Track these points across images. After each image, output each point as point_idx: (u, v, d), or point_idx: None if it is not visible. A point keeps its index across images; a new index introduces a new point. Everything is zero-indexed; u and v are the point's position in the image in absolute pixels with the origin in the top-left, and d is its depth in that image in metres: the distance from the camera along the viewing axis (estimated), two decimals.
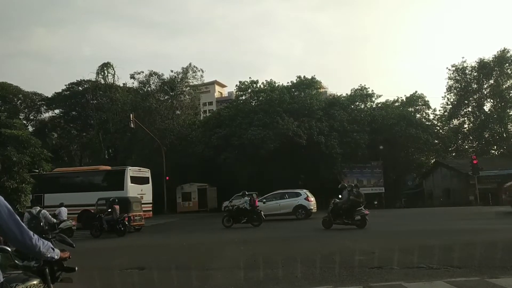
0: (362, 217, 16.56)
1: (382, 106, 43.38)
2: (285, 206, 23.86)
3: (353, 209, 16.66)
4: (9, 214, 2.67)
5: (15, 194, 25.76)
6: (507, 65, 41.72)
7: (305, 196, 24.01)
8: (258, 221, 19.91)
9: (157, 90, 43.98)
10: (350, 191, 17.18)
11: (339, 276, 7.74)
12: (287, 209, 23.72)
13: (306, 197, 24.00)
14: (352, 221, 16.59)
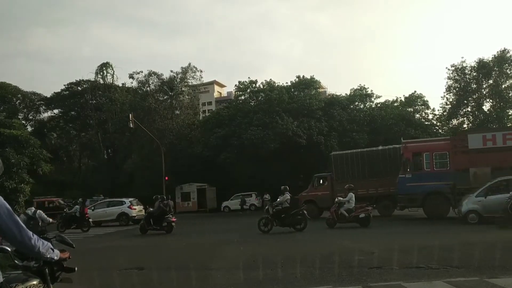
0: (168, 223, 18.97)
1: (382, 106, 43.38)
2: (110, 214, 26.20)
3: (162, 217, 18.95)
4: (9, 214, 2.67)
5: (13, 195, 25.78)
6: (507, 65, 41.72)
7: (128, 205, 26.44)
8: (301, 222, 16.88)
9: (156, 90, 43.96)
10: (161, 201, 19.48)
11: (338, 276, 7.74)
12: (112, 216, 26.06)
13: (129, 205, 26.44)
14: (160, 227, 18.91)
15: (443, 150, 19.66)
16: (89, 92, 49.63)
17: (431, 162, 19.59)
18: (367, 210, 17.07)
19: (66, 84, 53.14)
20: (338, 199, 17.79)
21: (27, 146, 28.75)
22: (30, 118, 55.20)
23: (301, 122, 36.77)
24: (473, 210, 16.17)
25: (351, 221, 16.90)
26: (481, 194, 16.20)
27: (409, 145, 20.74)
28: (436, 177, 18.26)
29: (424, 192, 18.24)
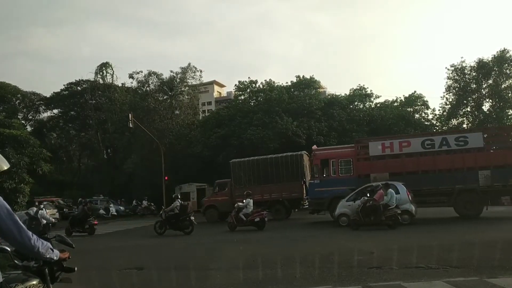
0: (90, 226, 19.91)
1: (381, 106, 43.37)
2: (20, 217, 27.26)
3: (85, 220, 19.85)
4: (8, 214, 2.67)
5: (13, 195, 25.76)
6: (506, 65, 41.74)
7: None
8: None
9: (156, 90, 43.94)
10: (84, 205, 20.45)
11: (338, 276, 7.75)
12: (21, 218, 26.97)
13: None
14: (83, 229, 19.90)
15: (347, 157, 20.74)
16: (89, 92, 49.60)
17: (337, 168, 20.65)
18: (262, 215, 18.07)
19: (66, 84, 53.17)
20: (237, 204, 18.84)
21: (27, 146, 28.74)
22: (30, 118, 55.20)
23: (300, 122, 36.76)
24: (344, 214, 17.59)
25: (248, 224, 18.02)
26: (351, 198, 17.50)
27: (317, 153, 21.92)
28: (341, 183, 19.30)
29: (330, 196, 19.08)
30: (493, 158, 18.78)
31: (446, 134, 20.37)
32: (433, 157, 19.20)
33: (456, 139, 19.10)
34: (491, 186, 18.12)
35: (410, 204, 16.78)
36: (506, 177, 17.97)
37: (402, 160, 19.58)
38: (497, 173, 18.02)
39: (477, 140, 18.92)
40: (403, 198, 16.73)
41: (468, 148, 18.81)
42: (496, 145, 19.46)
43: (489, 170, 18.13)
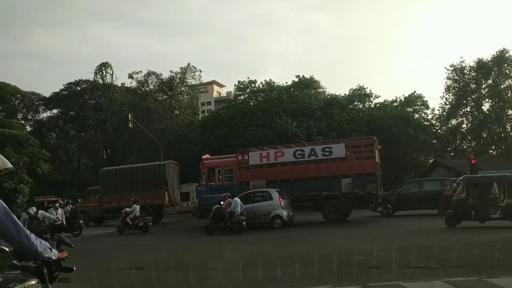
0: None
1: (381, 106, 43.37)
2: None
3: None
4: (6, 213, 2.67)
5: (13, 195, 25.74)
6: (506, 65, 41.77)
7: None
8: None
9: (155, 90, 43.94)
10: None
11: (337, 276, 7.74)
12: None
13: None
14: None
15: (230, 166, 22.51)
16: (88, 92, 49.58)
17: (221, 176, 22.58)
18: (146, 219, 19.77)
19: (65, 84, 53.15)
20: (125, 210, 20.32)
21: (27, 146, 28.74)
22: (29, 118, 55.20)
23: (300, 122, 36.78)
24: None
25: (134, 228, 19.53)
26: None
27: (205, 162, 23.76)
28: (225, 190, 20.11)
29: (215, 202, 19.72)
30: (353, 167, 20.46)
31: (314, 145, 22.21)
32: (303, 166, 20.89)
33: (322, 150, 20.92)
34: (352, 193, 19.91)
35: (282, 209, 18.32)
36: (364, 184, 19.87)
37: (277, 169, 21.44)
38: (357, 180, 19.87)
39: (340, 150, 20.63)
40: (275, 204, 18.41)
41: (333, 158, 20.67)
42: (356, 156, 21.02)
43: (350, 178, 20.00)
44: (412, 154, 43.75)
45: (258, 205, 18.88)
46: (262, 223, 18.30)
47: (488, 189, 15.85)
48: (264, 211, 18.44)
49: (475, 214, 14.90)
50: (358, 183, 19.89)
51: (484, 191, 15.60)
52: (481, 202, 15.12)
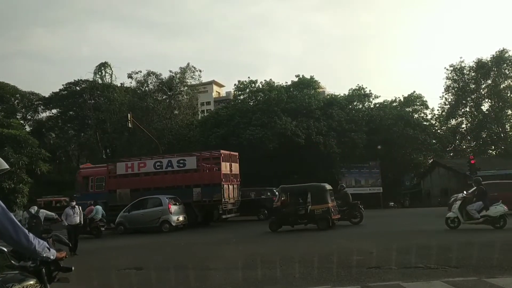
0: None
1: (380, 106, 43.39)
2: None
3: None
4: (4, 212, 2.66)
5: (12, 195, 25.72)
6: (505, 65, 41.81)
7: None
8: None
9: (155, 90, 43.91)
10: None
11: (337, 276, 7.74)
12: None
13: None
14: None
15: (101, 175, 24.58)
16: (88, 92, 49.52)
17: (94, 184, 24.76)
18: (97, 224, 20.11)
19: (65, 84, 53.07)
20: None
21: (26, 146, 28.70)
22: (29, 118, 55.10)
23: (300, 122, 36.75)
24: (121, 222, 20.89)
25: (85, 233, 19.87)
26: (127, 210, 20.95)
27: (81, 170, 26.17)
28: (96, 197, 22.07)
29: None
30: (203, 178, 22.71)
31: (171, 157, 24.10)
32: (162, 176, 23.18)
33: (177, 162, 23.11)
34: (201, 201, 22.01)
35: (171, 215, 19.97)
36: (211, 194, 21.89)
37: (141, 178, 23.55)
38: (205, 190, 22.01)
39: (192, 162, 22.87)
40: (164, 210, 20.11)
41: (186, 169, 22.89)
42: (206, 167, 23.33)
43: (200, 187, 22.19)
44: (411, 154, 43.79)
45: (149, 210, 20.35)
46: (152, 227, 19.67)
47: (298, 196, 18.05)
48: (154, 217, 19.94)
49: (289, 220, 17.16)
50: (206, 192, 21.91)
51: (295, 199, 17.93)
52: (292, 209, 17.29)
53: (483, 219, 14.37)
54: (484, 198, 14.63)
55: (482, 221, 14.39)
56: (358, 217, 18.64)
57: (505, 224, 14.36)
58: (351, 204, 18.97)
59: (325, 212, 16.73)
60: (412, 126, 39.82)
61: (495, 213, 14.33)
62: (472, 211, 14.48)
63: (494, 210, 14.36)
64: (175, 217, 20.20)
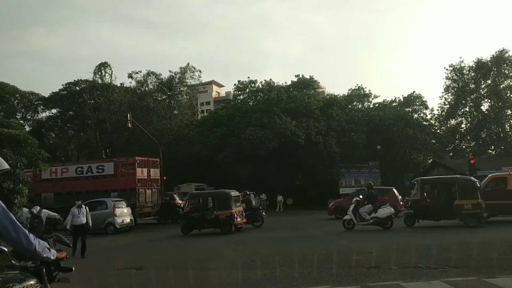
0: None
1: (380, 106, 43.42)
2: None
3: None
4: (4, 213, 2.66)
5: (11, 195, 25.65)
6: (505, 66, 41.79)
7: None
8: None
9: (154, 90, 43.90)
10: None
11: (336, 276, 7.74)
12: None
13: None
14: None
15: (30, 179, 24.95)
16: (87, 92, 49.41)
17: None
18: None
19: (64, 84, 53.02)
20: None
21: (25, 145, 28.63)
22: (28, 118, 55.01)
23: (299, 122, 36.77)
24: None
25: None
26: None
27: None
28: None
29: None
30: (120, 183, 24.15)
31: (91, 163, 25.62)
32: (83, 181, 24.72)
33: (97, 167, 24.74)
34: None
35: (115, 217, 20.64)
36: (128, 198, 22.80)
37: (64, 183, 24.92)
38: (122, 194, 23.25)
39: (110, 168, 24.45)
40: (109, 212, 20.75)
41: (105, 175, 24.43)
42: (122, 173, 24.77)
43: (117, 192, 23.52)
44: (411, 154, 43.82)
45: (95, 213, 20.24)
46: (98, 229, 19.73)
47: (206, 202, 19.20)
48: (100, 219, 20.22)
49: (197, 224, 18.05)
50: (123, 196, 22.92)
51: (204, 204, 19.16)
52: (200, 214, 18.13)
53: (372, 221, 15.98)
54: (374, 202, 16.21)
55: (372, 222, 15.98)
56: (259, 220, 19.77)
57: (392, 224, 15.95)
58: (253, 209, 20.19)
59: (229, 218, 17.56)
60: (411, 126, 39.84)
61: (382, 215, 15.93)
62: (363, 213, 16.06)
63: (382, 212, 15.97)
64: (119, 219, 20.91)
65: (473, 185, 15.99)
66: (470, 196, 15.69)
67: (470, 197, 15.66)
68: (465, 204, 15.47)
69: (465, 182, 16.55)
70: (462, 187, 16.11)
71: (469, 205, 15.45)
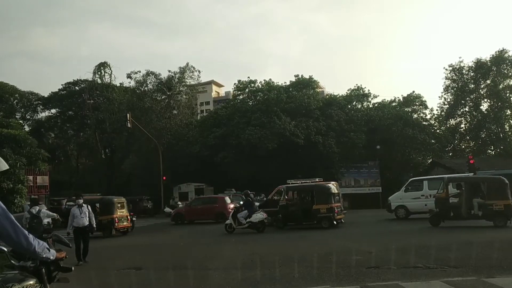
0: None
1: (379, 106, 43.44)
2: None
3: None
4: (4, 213, 2.66)
5: (10, 195, 25.64)
6: (505, 66, 41.81)
7: None
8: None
9: (154, 89, 43.89)
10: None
11: (336, 276, 7.74)
12: None
13: None
14: None
15: None
16: (87, 91, 49.40)
17: None
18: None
19: (64, 83, 53.00)
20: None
21: (25, 145, 28.63)
22: (28, 117, 54.95)
23: (299, 122, 36.78)
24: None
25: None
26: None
27: None
28: None
29: None
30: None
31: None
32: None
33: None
34: None
35: None
36: None
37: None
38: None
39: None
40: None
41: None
42: None
43: None
44: (410, 154, 43.80)
45: None
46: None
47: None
48: None
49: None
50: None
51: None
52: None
53: (248, 225, 17.33)
54: (250, 208, 17.74)
55: (247, 226, 17.34)
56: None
57: (264, 228, 17.39)
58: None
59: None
60: (411, 126, 39.86)
61: (256, 219, 17.30)
62: (240, 218, 17.51)
63: (255, 217, 17.37)
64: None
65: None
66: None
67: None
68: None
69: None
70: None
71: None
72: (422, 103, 44.26)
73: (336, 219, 17.51)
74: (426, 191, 20.61)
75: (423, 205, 19.69)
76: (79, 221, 11.82)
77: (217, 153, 36.55)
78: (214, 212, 24.19)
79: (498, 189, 15.60)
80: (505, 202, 15.13)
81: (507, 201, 15.17)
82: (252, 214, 17.54)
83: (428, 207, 18.22)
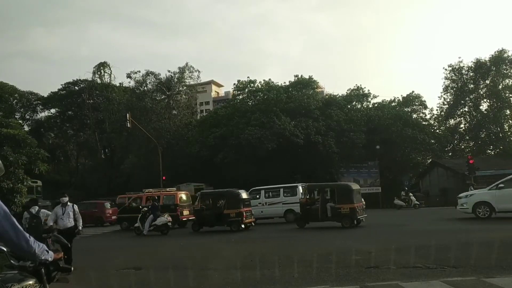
0: None
1: (379, 106, 43.48)
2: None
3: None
4: (5, 215, 2.64)
5: (10, 195, 25.58)
6: (504, 66, 41.86)
7: None
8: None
9: (153, 89, 43.90)
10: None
11: (335, 276, 7.74)
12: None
13: None
14: None
15: None
16: (86, 91, 49.40)
17: None
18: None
19: (64, 83, 52.99)
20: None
21: (24, 145, 28.59)
22: (27, 117, 54.94)
23: (298, 122, 36.79)
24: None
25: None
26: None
27: None
28: None
29: None
30: None
31: None
32: None
33: None
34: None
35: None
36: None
37: None
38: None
39: None
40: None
41: None
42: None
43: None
44: (410, 154, 43.84)
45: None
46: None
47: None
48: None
49: None
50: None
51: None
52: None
53: (153, 227, 18.57)
54: (155, 212, 18.92)
55: (153, 229, 18.54)
56: None
57: (168, 230, 18.78)
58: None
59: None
60: (411, 126, 39.89)
61: (160, 222, 18.60)
62: (147, 221, 18.64)
63: (159, 220, 18.63)
64: None
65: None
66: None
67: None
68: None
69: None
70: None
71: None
72: (422, 103, 44.32)
73: (244, 223, 18.52)
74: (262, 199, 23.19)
75: (260, 211, 22.42)
76: (60, 222, 10.67)
77: (216, 153, 36.54)
78: (93, 216, 26.16)
79: (345, 195, 17.62)
80: (351, 206, 17.21)
81: (352, 205, 17.21)
82: (157, 218, 18.80)
83: (264, 214, 22.41)
